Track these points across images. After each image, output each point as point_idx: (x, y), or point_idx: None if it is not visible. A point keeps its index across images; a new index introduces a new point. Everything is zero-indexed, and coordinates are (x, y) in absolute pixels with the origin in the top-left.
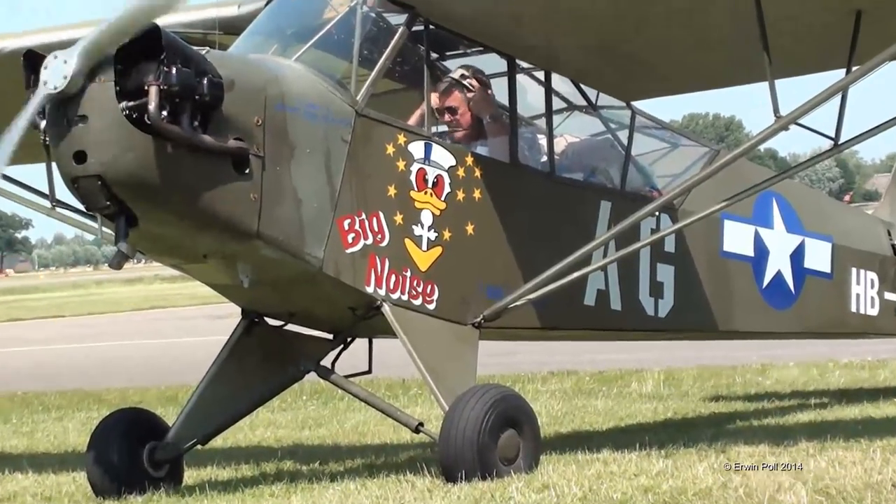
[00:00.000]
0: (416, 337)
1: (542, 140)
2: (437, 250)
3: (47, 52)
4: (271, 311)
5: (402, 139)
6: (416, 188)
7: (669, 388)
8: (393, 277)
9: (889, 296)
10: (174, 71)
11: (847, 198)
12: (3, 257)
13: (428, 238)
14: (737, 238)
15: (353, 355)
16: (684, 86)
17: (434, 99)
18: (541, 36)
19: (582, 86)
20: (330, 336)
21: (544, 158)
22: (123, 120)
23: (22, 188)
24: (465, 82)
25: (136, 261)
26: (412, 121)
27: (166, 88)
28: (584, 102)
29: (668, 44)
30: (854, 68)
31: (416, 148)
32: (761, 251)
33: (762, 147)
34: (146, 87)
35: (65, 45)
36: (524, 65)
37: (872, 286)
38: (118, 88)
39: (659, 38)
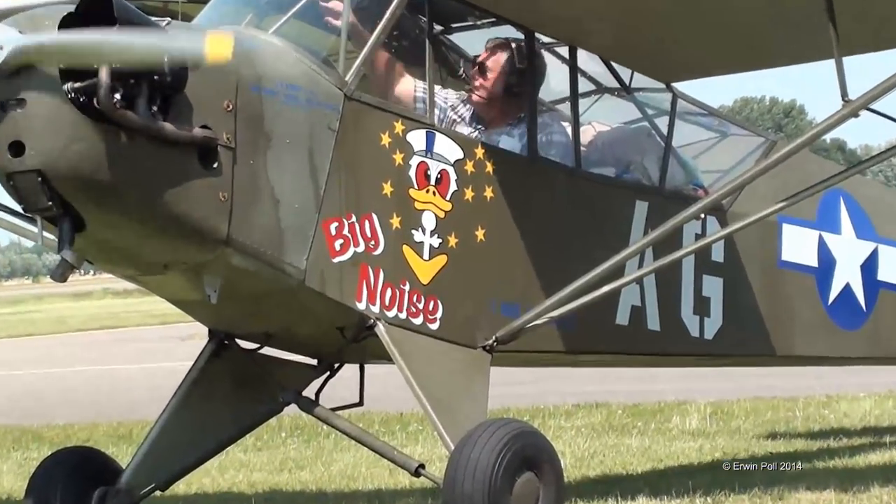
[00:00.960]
0: (417, 362)
1: (567, 129)
2: (442, 260)
3: None
4: (244, 331)
5: (399, 127)
6: (416, 185)
7: (717, 423)
8: (389, 292)
9: None
10: None
11: None
12: None
13: (430, 245)
14: (798, 245)
15: (342, 384)
16: (735, 64)
17: (482, 55)
18: (564, 4)
19: (613, 64)
20: (314, 361)
21: (569, 151)
22: (68, 104)
23: None
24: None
25: (83, 272)
26: (409, 104)
27: (119, 67)
28: (615, 84)
29: (715, 14)
30: None
31: (417, 138)
32: (827, 261)
33: (828, 137)
34: (95, 66)
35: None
36: (545, 39)
37: None
38: (62, 66)
39: (704, 8)
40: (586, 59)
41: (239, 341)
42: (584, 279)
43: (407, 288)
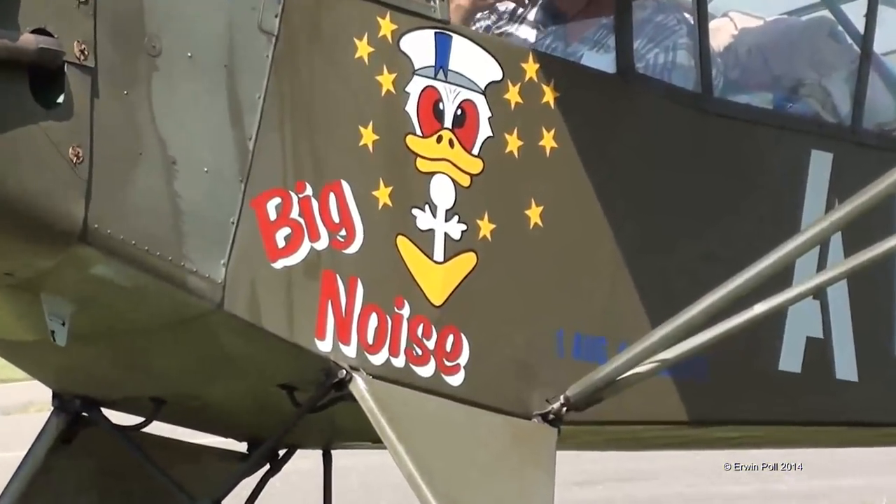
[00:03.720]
0: (425, 445)
1: (687, 24)
2: (467, 261)
3: None
4: (117, 395)
5: (387, 27)
6: (419, 130)
7: None
8: (373, 320)
9: None
10: None
11: None
12: None
13: (446, 236)
14: None
15: (294, 487)
16: None
17: None
18: None
19: None
20: (242, 447)
21: (690, 65)
22: None
23: None
24: None
25: None
26: None
27: None
28: None
29: None
30: None
31: (419, 45)
32: None
33: None
34: None
35: None
36: None
37: None
38: None
39: None
40: None
41: (108, 413)
42: (722, 292)
43: (406, 313)
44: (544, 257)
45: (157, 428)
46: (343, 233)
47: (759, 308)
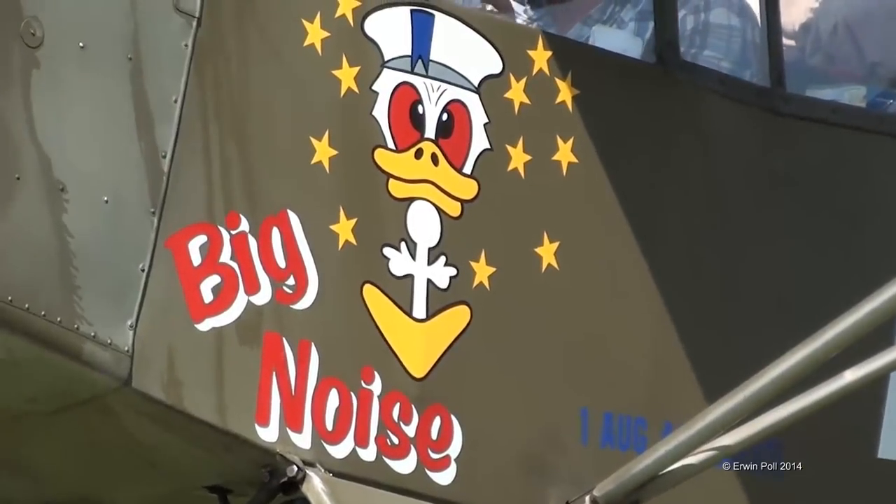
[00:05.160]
0: None
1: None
2: (458, 318)
3: None
4: None
5: (346, 4)
6: (390, 142)
7: None
8: (332, 399)
9: None
10: None
11: None
12: None
13: (430, 283)
14: None
15: None
16: None
17: None
18: None
19: None
20: None
21: (755, 50)
22: None
23: None
24: None
25: None
26: None
27: None
28: None
29: None
30: None
31: (390, 26)
32: None
33: None
34: None
35: None
36: None
37: None
38: None
39: None
40: None
41: None
42: (801, 354)
43: (377, 389)
44: (562, 311)
45: None
46: (291, 282)
47: (851, 375)
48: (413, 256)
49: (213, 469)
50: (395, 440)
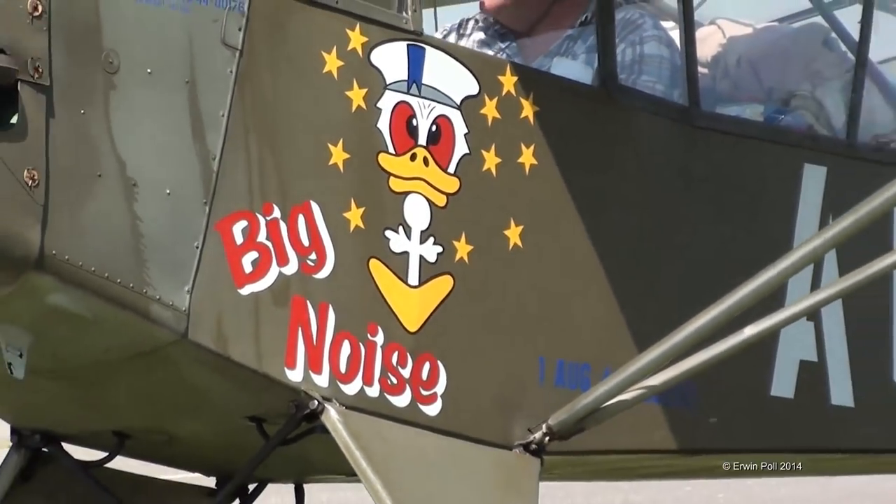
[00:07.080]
0: (401, 477)
1: (672, 34)
2: (443, 285)
3: None
4: (78, 430)
5: (356, 39)
6: (391, 148)
7: None
8: (346, 348)
9: None
10: None
11: None
12: None
13: (422, 259)
14: None
15: None
16: None
17: None
18: None
19: None
20: (211, 482)
21: (677, 75)
22: None
23: None
24: None
25: None
26: None
27: None
28: None
29: None
30: None
31: (392, 58)
32: None
33: None
34: None
35: None
36: None
37: None
38: None
39: None
40: None
41: (70, 448)
42: (711, 314)
43: (380, 340)
44: (525, 280)
45: (123, 463)
46: (313, 257)
47: (750, 331)
48: (408, 237)
49: (252, 404)
50: (394, 380)
